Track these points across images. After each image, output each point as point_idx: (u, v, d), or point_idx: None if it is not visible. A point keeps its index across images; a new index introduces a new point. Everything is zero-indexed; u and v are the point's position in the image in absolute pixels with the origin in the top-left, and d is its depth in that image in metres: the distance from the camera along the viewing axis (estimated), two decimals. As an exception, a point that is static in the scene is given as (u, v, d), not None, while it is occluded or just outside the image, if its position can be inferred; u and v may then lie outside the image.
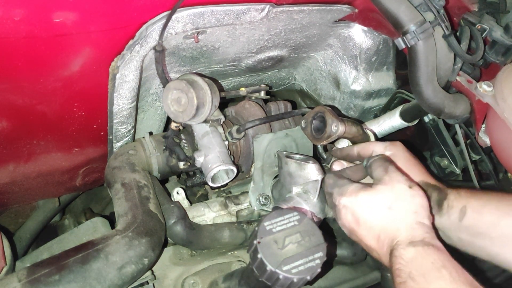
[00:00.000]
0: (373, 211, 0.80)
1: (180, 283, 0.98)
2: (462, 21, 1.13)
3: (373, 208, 0.80)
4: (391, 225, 0.78)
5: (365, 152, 0.98)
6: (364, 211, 0.81)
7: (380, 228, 0.78)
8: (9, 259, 0.96)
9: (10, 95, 0.88)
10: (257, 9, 0.93)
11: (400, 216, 0.78)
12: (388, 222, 0.78)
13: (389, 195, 0.80)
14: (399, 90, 1.33)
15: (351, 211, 0.82)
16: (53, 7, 0.73)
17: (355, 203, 0.81)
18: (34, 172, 1.14)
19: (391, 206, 0.79)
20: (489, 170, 1.24)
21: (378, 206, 0.79)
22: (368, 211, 0.80)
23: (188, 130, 1.11)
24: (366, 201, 0.81)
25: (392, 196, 0.80)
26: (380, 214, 0.79)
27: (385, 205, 0.79)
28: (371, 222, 0.80)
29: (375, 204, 0.80)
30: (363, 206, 0.81)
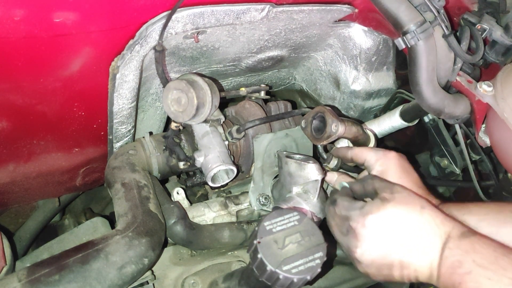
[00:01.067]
0: (409, 219, 0.73)
1: (180, 283, 0.98)
2: (462, 21, 1.13)
3: (407, 215, 0.73)
4: (434, 223, 0.73)
5: (358, 159, 0.96)
6: (398, 222, 0.73)
7: (424, 231, 0.72)
8: (9, 259, 0.96)
9: (10, 95, 0.88)
10: (257, 9, 0.93)
11: (436, 212, 0.74)
12: (429, 223, 0.73)
13: (414, 198, 0.76)
14: (399, 90, 1.33)
15: (383, 228, 0.74)
16: (53, 7, 0.73)
17: (386, 218, 0.74)
18: (34, 172, 1.14)
19: (423, 205, 0.74)
20: (489, 170, 1.24)
21: (411, 211, 0.74)
22: (403, 220, 0.73)
23: (188, 130, 1.11)
24: (397, 211, 0.74)
25: (417, 198, 0.76)
26: (417, 219, 0.73)
27: (417, 207, 0.74)
28: (410, 230, 0.73)
29: (408, 211, 0.74)
30: (395, 218, 0.74)
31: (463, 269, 0.67)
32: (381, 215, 0.74)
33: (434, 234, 0.72)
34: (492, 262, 0.65)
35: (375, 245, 0.75)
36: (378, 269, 0.76)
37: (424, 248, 0.72)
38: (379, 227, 0.74)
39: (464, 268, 0.67)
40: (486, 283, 0.64)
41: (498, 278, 0.63)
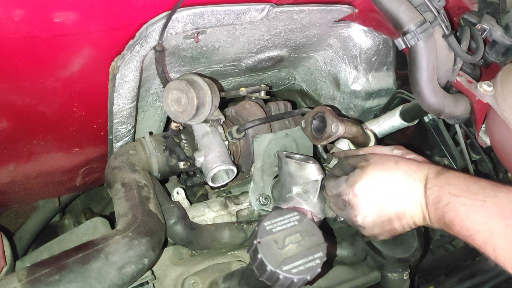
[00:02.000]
0: (388, 174, 0.82)
1: (180, 283, 0.98)
2: (462, 21, 1.13)
3: (385, 172, 0.83)
4: (410, 172, 0.81)
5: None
6: (380, 180, 0.82)
7: (404, 181, 0.81)
8: (9, 259, 0.96)
9: (10, 95, 0.88)
10: (257, 9, 0.93)
11: (410, 162, 0.83)
12: (406, 173, 0.81)
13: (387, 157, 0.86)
14: (399, 90, 1.33)
15: (371, 191, 0.83)
16: (53, 7, 0.73)
17: (370, 181, 0.83)
18: (34, 172, 1.14)
19: (396, 160, 0.84)
20: (489, 170, 1.24)
21: (387, 167, 0.83)
22: (384, 177, 0.82)
23: (188, 130, 1.11)
24: (376, 171, 0.83)
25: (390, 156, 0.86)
26: (394, 172, 0.82)
27: (391, 163, 0.83)
28: (392, 183, 0.82)
29: (384, 168, 0.83)
30: (377, 177, 0.83)
31: (442, 203, 0.74)
32: (365, 180, 0.83)
33: (413, 180, 0.81)
34: (464, 190, 0.73)
35: (370, 207, 0.84)
36: (381, 227, 0.85)
37: (409, 195, 0.80)
38: (367, 191, 0.83)
39: (443, 202, 0.74)
40: (461, 209, 0.72)
41: (471, 202, 0.71)
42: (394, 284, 1.15)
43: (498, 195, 0.69)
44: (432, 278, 1.38)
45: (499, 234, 0.66)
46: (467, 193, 0.72)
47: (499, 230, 0.66)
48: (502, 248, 0.66)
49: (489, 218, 0.68)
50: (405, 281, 1.15)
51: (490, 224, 0.68)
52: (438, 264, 1.37)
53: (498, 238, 0.66)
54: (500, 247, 0.66)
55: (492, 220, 0.68)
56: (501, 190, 0.70)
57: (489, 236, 0.67)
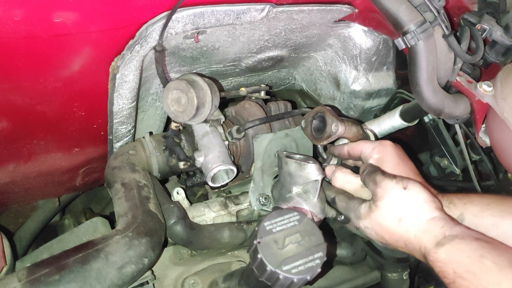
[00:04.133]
0: (389, 228, 0.82)
1: (180, 283, 0.99)
2: (462, 21, 1.13)
3: (387, 225, 0.83)
4: (409, 234, 0.80)
5: (354, 151, 0.98)
6: (382, 229, 0.84)
7: (403, 239, 0.81)
8: (9, 259, 0.96)
9: (10, 95, 0.88)
10: (257, 9, 0.93)
11: (412, 223, 0.80)
12: (405, 233, 0.81)
13: (392, 207, 0.82)
14: (399, 90, 1.33)
15: (374, 230, 0.85)
16: (53, 7, 0.73)
17: (373, 224, 0.84)
18: (34, 172, 1.14)
19: (400, 217, 0.81)
20: (489, 170, 1.24)
21: (390, 222, 0.82)
22: (385, 228, 0.83)
23: (188, 130, 1.11)
24: (379, 221, 0.84)
25: (395, 206, 0.82)
26: (395, 229, 0.82)
27: (395, 219, 0.82)
28: (392, 236, 0.83)
29: (387, 222, 0.82)
30: (380, 225, 0.84)
31: (447, 279, 0.73)
32: (370, 221, 0.85)
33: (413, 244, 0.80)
34: (467, 271, 0.71)
35: (376, 239, 0.87)
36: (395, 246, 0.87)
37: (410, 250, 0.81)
38: (372, 229, 0.85)
39: (448, 279, 0.73)
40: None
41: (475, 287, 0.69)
42: (394, 284, 1.15)
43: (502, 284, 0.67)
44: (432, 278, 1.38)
45: None
46: (471, 275, 0.70)
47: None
48: None
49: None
50: (405, 281, 1.15)
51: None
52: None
53: None
54: None
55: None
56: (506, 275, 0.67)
57: None
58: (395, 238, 0.83)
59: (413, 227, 0.80)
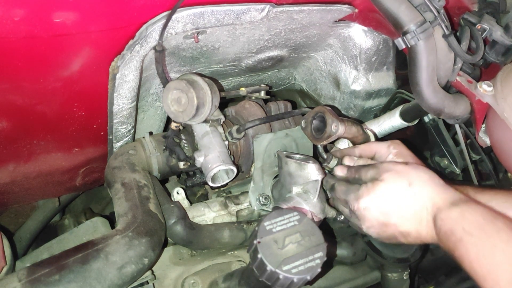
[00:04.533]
0: (398, 195, 0.82)
1: (180, 283, 0.98)
2: (462, 21, 1.13)
3: (395, 192, 0.82)
4: (422, 197, 0.80)
5: (367, 153, 0.99)
6: (388, 199, 0.82)
7: (412, 205, 0.80)
8: (9, 259, 0.96)
9: (10, 95, 0.88)
10: (257, 9, 0.93)
11: (424, 186, 0.81)
12: (417, 197, 0.80)
13: (401, 175, 0.83)
14: (399, 90, 1.33)
15: (376, 206, 0.83)
16: (53, 7, 0.73)
17: (377, 198, 0.83)
18: (34, 172, 1.14)
19: (410, 182, 0.81)
20: (489, 170, 1.24)
21: (399, 188, 0.82)
22: (393, 197, 0.82)
23: (188, 130, 1.11)
24: (386, 190, 0.83)
25: (403, 174, 0.83)
26: (405, 194, 0.81)
27: (404, 184, 0.81)
28: (400, 205, 0.81)
29: (396, 188, 0.82)
30: (385, 196, 0.83)
31: (454, 236, 0.73)
32: (372, 197, 0.84)
33: (422, 206, 0.79)
34: (479, 229, 0.71)
35: (374, 222, 0.85)
36: (387, 238, 0.86)
37: (416, 220, 0.80)
38: (373, 206, 0.84)
39: (456, 236, 0.73)
40: (473, 249, 0.70)
41: (482, 245, 0.70)
42: (394, 284, 1.15)
43: (510, 241, 0.68)
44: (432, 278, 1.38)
45: (505, 284, 0.66)
46: (481, 233, 0.70)
47: (504, 283, 0.66)
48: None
49: (496, 267, 0.67)
50: (405, 281, 1.15)
51: (497, 274, 0.67)
52: (438, 264, 1.37)
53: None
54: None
55: (500, 268, 0.67)
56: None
57: (495, 285, 0.67)
58: (401, 208, 0.81)
59: (425, 190, 0.80)
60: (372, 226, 0.86)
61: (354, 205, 0.86)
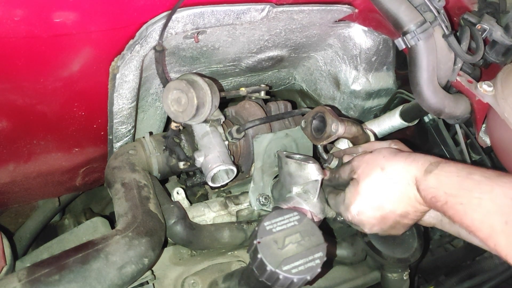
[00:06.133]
0: (378, 185, 0.84)
1: (180, 283, 0.98)
2: (462, 21, 1.13)
3: (374, 183, 0.84)
4: (398, 176, 0.82)
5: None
6: (373, 193, 0.85)
7: (395, 186, 0.82)
8: (9, 259, 0.96)
9: (10, 95, 0.88)
10: (257, 9, 0.93)
11: (395, 164, 0.84)
12: (394, 178, 0.83)
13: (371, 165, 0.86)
14: (399, 90, 1.33)
15: (366, 207, 0.86)
16: (53, 7, 0.73)
17: (363, 199, 0.86)
18: (34, 172, 1.14)
19: (382, 167, 0.84)
20: (489, 170, 1.24)
21: (376, 178, 0.84)
22: (375, 189, 0.85)
23: (188, 130, 1.11)
24: (366, 186, 0.85)
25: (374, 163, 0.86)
26: (383, 180, 0.84)
27: (378, 172, 0.84)
28: (385, 192, 0.84)
29: (373, 180, 0.85)
30: (369, 192, 0.85)
31: (440, 202, 0.75)
32: (359, 199, 0.86)
33: (404, 184, 0.82)
34: (459, 188, 0.73)
35: (373, 221, 0.87)
36: (393, 228, 0.88)
37: (406, 197, 0.82)
38: (364, 208, 0.86)
39: (441, 201, 0.75)
40: (459, 208, 0.72)
41: (467, 200, 0.71)
42: (394, 284, 1.15)
43: (494, 190, 0.69)
44: (432, 278, 1.38)
45: (500, 231, 0.67)
46: (463, 191, 0.72)
47: (499, 227, 0.67)
48: (504, 244, 0.67)
49: (488, 216, 0.69)
50: (405, 281, 1.15)
51: (490, 222, 0.68)
52: (438, 264, 1.37)
53: (499, 235, 0.67)
54: (502, 243, 0.67)
55: (491, 217, 0.68)
56: (496, 183, 0.70)
57: (490, 233, 0.68)
58: (387, 193, 0.83)
59: (397, 168, 0.82)
60: (373, 225, 0.88)
61: (348, 216, 0.89)
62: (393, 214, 0.85)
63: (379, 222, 0.87)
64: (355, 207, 0.87)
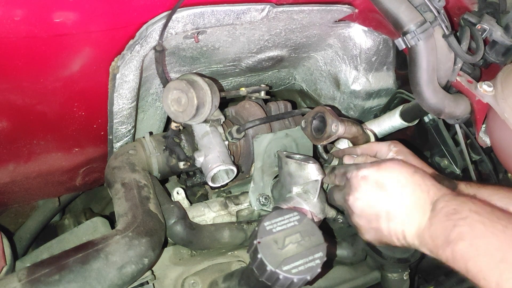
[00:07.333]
0: (398, 174, 0.78)
1: (180, 283, 0.98)
2: (462, 21, 1.13)
3: (396, 171, 0.79)
4: (423, 184, 0.77)
5: (369, 152, 0.99)
6: (387, 175, 0.79)
7: (411, 186, 0.77)
8: (9, 259, 0.96)
9: (10, 95, 0.88)
10: (257, 9, 0.93)
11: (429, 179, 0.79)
12: (418, 182, 0.77)
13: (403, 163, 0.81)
14: (399, 90, 1.33)
15: (374, 179, 0.80)
16: (53, 7, 0.73)
17: (379, 172, 0.80)
18: (34, 172, 1.14)
19: (416, 170, 0.79)
20: (489, 170, 1.24)
21: (403, 170, 0.79)
22: (393, 174, 0.79)
23: (188, 130, 1.11)
24: (392, 167, 0.80)
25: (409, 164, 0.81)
26: (406, 175, 0.78)
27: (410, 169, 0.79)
28: (397, 182, 0.78)
29: (398, 169, 0.79)
30: (385, 171, 0.79)
31: (458, 215, 0.69)
32: (374, 170, 0.81)
33: (422, 194, 0.76)
34: (487, 212, 0.68)
35: (365, 194, 0.81)
36: (368, 220, 0.82)
37: (412, 204, 0.76)
38: (371, 179, 0.80)
39: (460, 215, 0.69)
40: (479, 226, 0.66)
41: (492, 224, 0.65)
42: (394, 284, 1.15)
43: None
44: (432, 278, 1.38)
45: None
46: (490, 215, 0.67)
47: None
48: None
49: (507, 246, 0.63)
50: (405, 281, 1.15)
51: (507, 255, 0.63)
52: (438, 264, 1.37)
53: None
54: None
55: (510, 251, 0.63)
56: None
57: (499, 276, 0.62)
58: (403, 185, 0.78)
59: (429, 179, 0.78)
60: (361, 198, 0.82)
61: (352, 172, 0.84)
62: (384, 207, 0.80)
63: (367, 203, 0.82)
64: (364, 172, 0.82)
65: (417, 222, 0.76)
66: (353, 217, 0.85)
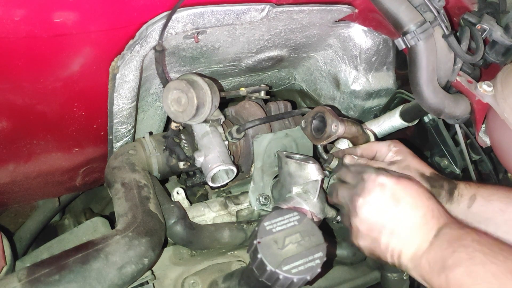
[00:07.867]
0: (420, 195, 0.78)
1: (180, 283, 0.98)
2: (462, 21, 1.13)
3: (414, 191, 0.78)
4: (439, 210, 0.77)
5: (369, 153, 0.99)
6: (409, 192, 0.78)
7: (422, 210, 0.76)
8: (9, 259, 0.96)
9: (10, 95, 0.88)
10: (257, 9, 0.93)
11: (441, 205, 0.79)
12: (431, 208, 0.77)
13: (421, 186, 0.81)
14: (399, 90, 1.33)
15: (391, 190, 0.78)
16: (53, 7, 0.73)
17: (397, 185, 0.78)
18: (34, 172, 1.14)
19: (431, 197, 0.79)
20: (489, 170, 1.24)
21: (420, 192, 0.78)
22: (415, 193, 0.78)
23: (188, 130, 1.11)
24: (411, 185, 0.79)
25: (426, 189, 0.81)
26: (421, 199, 0.77)
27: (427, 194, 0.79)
28: (417, 202, 0.77)
29: (420, 189, 0.79)
30: (407, 188, 0.78)
31: (459, 243, 0.69)
32: (393, 182, 0.78)
33: (431, 220, 0.75)
34: (490, 243, 0.67)
35: (377, 201, 0.78)
36: (369, 227, 0.79)
37: (417, 227, 0.75)
38: (388, 189, 0.78)
39: (461, 242, 0.69)
40: (479, 255, 0.66)
41: (493, 254, 0.65)
42: (394, 284, 1.15)
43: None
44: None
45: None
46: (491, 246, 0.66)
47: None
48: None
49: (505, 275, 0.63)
50: (405, 281, 1.15)
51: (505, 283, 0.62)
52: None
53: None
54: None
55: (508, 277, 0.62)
56: None
57: None
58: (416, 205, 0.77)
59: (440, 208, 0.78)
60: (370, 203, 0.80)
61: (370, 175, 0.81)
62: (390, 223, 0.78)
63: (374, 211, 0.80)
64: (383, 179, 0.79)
65: (417, 245, 0.75)
66: (355, 219, 0.82)
